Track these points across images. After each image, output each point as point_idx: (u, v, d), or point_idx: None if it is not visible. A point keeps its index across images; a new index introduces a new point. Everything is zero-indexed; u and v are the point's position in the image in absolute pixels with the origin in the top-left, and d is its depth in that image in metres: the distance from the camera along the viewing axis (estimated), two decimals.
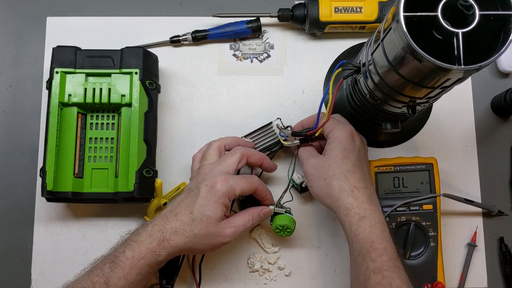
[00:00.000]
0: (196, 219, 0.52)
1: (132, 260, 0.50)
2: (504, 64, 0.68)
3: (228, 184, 0.53)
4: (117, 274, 0.49)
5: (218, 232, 0.52)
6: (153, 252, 0.51)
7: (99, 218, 0.65)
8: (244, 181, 0.54)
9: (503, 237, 0.65)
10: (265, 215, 0.58)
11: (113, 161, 0.61)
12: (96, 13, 0.70)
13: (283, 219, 0.59)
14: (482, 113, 0.68)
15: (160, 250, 0.51)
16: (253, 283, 0.64)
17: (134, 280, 0.50)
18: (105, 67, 0.61)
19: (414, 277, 0.59)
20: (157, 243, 0.51)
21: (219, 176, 0.53)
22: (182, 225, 0.52)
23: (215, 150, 0.58)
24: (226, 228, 0.53)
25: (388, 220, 0.60)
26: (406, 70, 0.44)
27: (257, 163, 0.59)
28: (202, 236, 0.52)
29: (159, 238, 0.51)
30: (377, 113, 0.57)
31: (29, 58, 0.69)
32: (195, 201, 0.52)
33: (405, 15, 0.39)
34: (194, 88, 0.68)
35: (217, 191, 0.52)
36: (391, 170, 0.62)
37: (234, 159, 0.56)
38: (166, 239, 0.51)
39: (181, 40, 0.68)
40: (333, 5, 0.64)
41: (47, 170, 0.58)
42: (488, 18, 0.40)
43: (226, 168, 0.55)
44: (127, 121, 0.61)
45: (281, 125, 0.63)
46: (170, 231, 0.51)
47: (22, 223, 0.65)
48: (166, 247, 0.51)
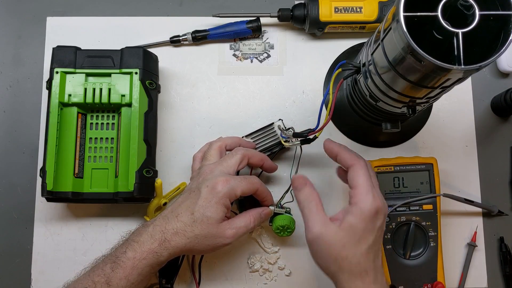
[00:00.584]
0: (197, 220, 0.52)
1: (134, 261, 0.50)
2: (504, 64, 0.68)
3: (229, 185, 0.53)
4: (118, 274, 0.50)
5: (218, 233, 0.52)
6: (154, 252, 0.51)
7: (99, 218, 0.65)
8: (245, 182, 0.54)
9: (503, 237, 0.65)
10: (266, 215, 0.58)
11: (113, 161, 0.61)
12: (96, 13, 0.70)
13: (283, 219, 0.59)
14: (482, 113, 0.68)
15: (161, 251, 0.51)
16: (253, 283, 0.64)
17: (135, 280, 0.50)
18: (105, 67, 0.61)
19: (414, 277, 0.59)
20: (158, 244, 0.51)
21: (220, 177, 0.53)
22: (183, 226, 0.52)
23: (216, 150, 0.58)
24: (226, 229, 0.53)
25: (388, 220, 0.60)
26: (406, 70, 0.44)
27: (258, 164, 0.59)
28: (203, 237, 0.52)
29: (160, 239, 0.51)
30: (377, 113, 0.57)
31: (29, 58, 0.69)
32: (196, 202, 0.52)
33: (405, 15, 0.39)
34: (194, 88, 0.68)
35: (218, 192, 0.52)
36: (391, 170, 0.62)
37: (235, 159, 0.56)
38: (167, 240, 0.51)
39: (181, 40, 0.68)
40: (333, 5, 0.64)
41: (47, 170, 0.58)
42: (488, 18, 0.40)
43: (227, 168, 0.55)
44: (127, 121, 0.61)
45: (283, 126, 0.63)
46: (171, 232, 0.51)
47: (22, 223, 0.65)
48: (167, 247, 0.51)
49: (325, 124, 0.55)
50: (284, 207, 0.61)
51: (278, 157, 0.65)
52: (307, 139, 0.58)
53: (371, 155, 0.66)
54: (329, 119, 0.54)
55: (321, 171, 0.66)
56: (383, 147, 0.67)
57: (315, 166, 0.66)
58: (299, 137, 0.59)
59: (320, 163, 0.66)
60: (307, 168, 0.65)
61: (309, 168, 0.65)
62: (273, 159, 0.64)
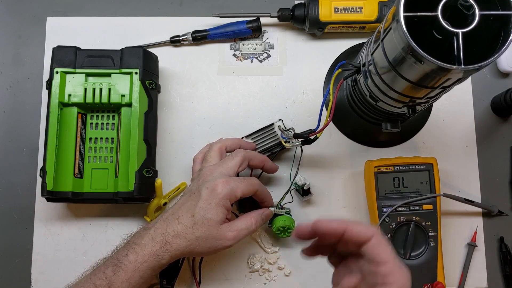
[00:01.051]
0: (197, 222, 0.51)
1: (135, 264, 0.50)
2: (504, 64, 0.68)
3: (229, 186, 0.53)
4: (120, 277, 0.49)
5: (219, 235, 0.52)
6: (156, 255, 0.51)
7: (99, 218, 0.65)
8: (245, 183, 0.54)
9: (503, 237, 0.65)
10: (267, 217, 0.58)
11: (113, 161, 0.61)
12: (96, 13, 0.70)
13: (284, 220, 0.59)
14: (482, 113, 0.68)
15: (162, 254, 0.51)
16: (253, 283, 0.64)
17: (136, 283, 0.50)
18: (105, 67, 0.61)
19: (414, 277, 0.59)
20: (159, 247, 0.51)
21: (220, 179, 0.53)
22: (184, 228, 0.51)
23: (216, 151, 0.58)
24: (227, 231, 0.53)
25: (388, 220, 0.60)
26: (406, 70, 0.44)
27: (258, 165, 0.59)
28: (204, 239, 0.52)
29: (161, 242, 0.51)
30: (377, 113, 0.57)
31: (29, 58, 0.69)
32: (197, 204, 0.52)
33: (405, 15, 0.39)
34: (194, 88, 0.68)
35: (218, 193, 0.52)
36: (391, 170, 0.62)
37: (236, 161, 0.56)
38: (168, 243, 0.51)
39: (181, 40, 0.68)
40: (333, 5, 0.64)
41: (47, 170, 0.58)
42: (488, 18, 0.40)
43: (227, 170, 0.55)
44: (127, 121, 0.61)
45: (283, 126, 0.63)
46: (172, 234, 0.51)
47: (22, 223, 0.65)
48: (168, 250, 0.51)
49: (325, 126, 0.55)
50: (284, 208, 0.61)
51: (278, 157, 0.65)
52: (308, 140, 0.58)
53: (371, 155, 0.66)
54: (330, 120, 0.54)
55: (321, 171, 0.66)
56: (383, 147, 0.67)
57: (315, 166, 0.66)
58: (300, 138, 0.59)
59: (320, 163, 0.66)
60: (308, 168, 0.65)
61: (310, 168, 0.65)
62: (273, 160, 0.64)
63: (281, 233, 0.59)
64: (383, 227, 0.60)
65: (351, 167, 0.66)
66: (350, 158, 0.66)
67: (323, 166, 0.66)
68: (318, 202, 0.65)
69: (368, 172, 0.62)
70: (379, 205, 0.60)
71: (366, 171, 0.63)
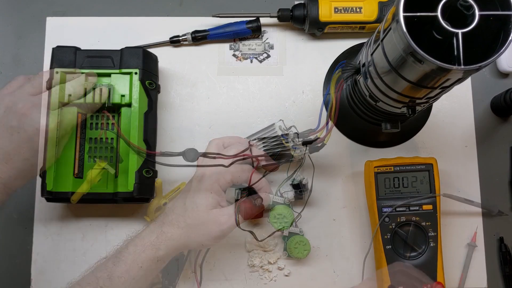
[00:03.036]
0: (188, 208, 0.54)
1: (134, 254, 0.52)
2: (504, 64, 0.68)
3: (217, 171, 0.55)
4: (119, 268, 0.51)
5: (211, 220, 0.53)
6: (152, 245, 0.52)
7: (99, 218, 0.65)
8: (235, 168, 0.56)
9: (503, 237, 0.65)
10: (260, 201, 0.57)
11: (113, 161, 0.61)
12: (96, 13, 0.70)
13: (279, 208, 0.59)
14: (482, 113, 0.68)
15: (159, 244, 0.52)
16: (253, 283, 0.64)
17: (136, 274, 0.51)
18: (105, 67, 0.61)
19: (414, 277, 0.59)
20: (156, 236, 0.53)
21: (208, 167, 0.55)
22: (176, 217, 0.54)
23: (214, 147, 0.59)
24: (219, 216, 0.54)
25: (388, 220, 0.60)
26: (406, 71, 0.44)
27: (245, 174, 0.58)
28: (196, 226, 0.53)
29: (157, 232, 0.53)
30: (377, 113, 0.57)
31: (29, 58, 0.69)
32: (188, 192, 0.55)
33: (405, 15, 0.39)
34: (194, 88, 0.68)
35: (206, 179, 0.55)
36: (391, 170, 0.61)
37: (210, 146, 0.58)
38: (163, 232, 0.53)
39: (181, 40, 0.68)
40: (333, 5, 0.64)
41: (47, 170, 0.58)
42: (488, 18, 0.40)
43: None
44: (127, 121, 0.60)
45: (284, 126, 0.63)
46: (167, 223, 0.54)
47: (22, 223, 0.65)
48: (164, 239, 0.53)
49: (329, 131, 0.56)
50: (283, 196, 0.61)
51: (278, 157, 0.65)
52: (309, 141, 0.58)
53: (371, 155, 0.66)
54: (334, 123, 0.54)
55: (321, 171, 0.66)
56: (383, 147, 0.67)
57: (315, 166, 0.66)
58: (309, 144, 0.58)
59: (320, 163, 0.66)
60: (307, 169, 0.65)
61: (310, 168, 0.65)
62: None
63: (277, 223, 0.60)
64: (383, 227, 0.60)
65: (351, 167, 0.66)
66: (350, 158, 0.66)
67: (323, 166, 0.66)
68: (318, 202, 0.65)
69: (368, 172, 0.62)
70: (379, 205, 0.60)
71: (366, 171, 0.63)
